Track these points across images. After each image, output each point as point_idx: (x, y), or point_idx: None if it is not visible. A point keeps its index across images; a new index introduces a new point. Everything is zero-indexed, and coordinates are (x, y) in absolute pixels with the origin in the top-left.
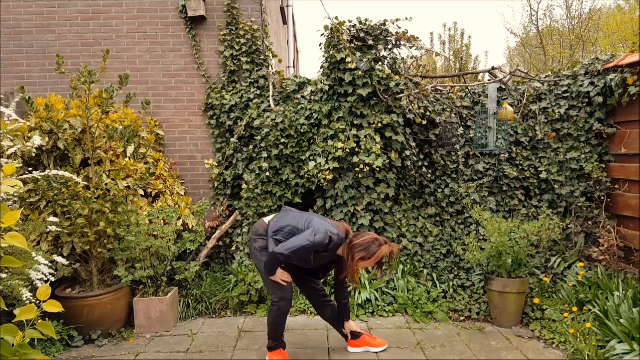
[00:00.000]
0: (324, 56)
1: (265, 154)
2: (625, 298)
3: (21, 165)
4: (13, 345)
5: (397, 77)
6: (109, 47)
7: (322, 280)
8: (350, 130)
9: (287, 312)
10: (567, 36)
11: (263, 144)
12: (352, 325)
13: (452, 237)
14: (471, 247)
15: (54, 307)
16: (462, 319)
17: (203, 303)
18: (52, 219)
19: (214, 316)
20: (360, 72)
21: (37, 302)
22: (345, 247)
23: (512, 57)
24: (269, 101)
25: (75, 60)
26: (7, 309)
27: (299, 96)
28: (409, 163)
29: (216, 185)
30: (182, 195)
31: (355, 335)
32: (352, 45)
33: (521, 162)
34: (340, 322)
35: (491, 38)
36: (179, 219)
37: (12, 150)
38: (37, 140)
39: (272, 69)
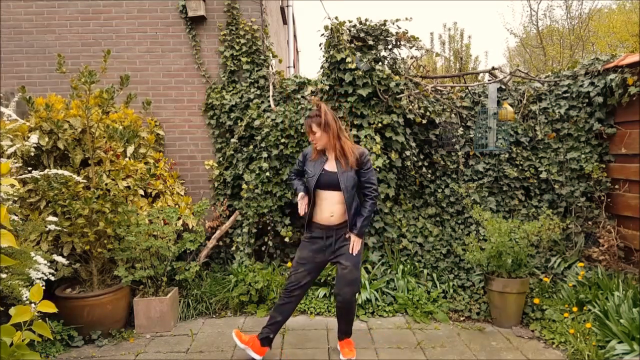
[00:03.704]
0: (324, 56)
1: (265, 154)
2: (625, 298)
3: (21, 165)
4: (12, 344)
5: (397, 77)
6: (109, 47)
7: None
8: (350, 130)
9: (288, 293)
10: (567, 36)
11: (263, 144)
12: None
13: (452, 237)
14: (471, 247)
15: (48, 307)
16: (462, 319)
17: (203, 303)
18: (51, 218)
19: (214, 316)
20: (360, 72)
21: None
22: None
23: (512, 57)
24: (269, 101)
25: (75, 60)
26: (2, 309)
27: (299, 96)
28: (409, 163)
29: (216, 185)
30: (182, 195)
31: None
32: (352, 45)
33: (521, 162)
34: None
35: (491, 38)
36: (179, 219)
37: (11, 150)
38: (34, 138)
39: (272, 69)
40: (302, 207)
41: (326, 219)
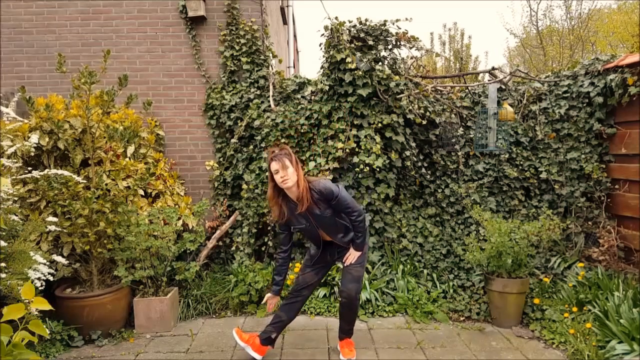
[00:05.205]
0: (324, 56)
1: (265, 154)
2: (625, 298)
3: (21, 165)
4: (9, 342)
5: (397, 77)
6: (109, 47)
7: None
8: (350, 130)
9: (296, 292)
10: (566, 36)
11: (263, 144)
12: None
13: (452, 237)
14: (471, 247)
15: (42, 304)
16: (462, 319)
17: (203, 303)
18: (50, 218)
19: (214, 316)
20: (360, 72)
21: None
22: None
23: (512, 57)
24: (269, 101)
25: (75, 60)
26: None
27: (299, 96)
28: (409, 163)
29: (216, 185)
30: (182, 196)
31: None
32: (352, 45)
33: (521, 162)
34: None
35: (491, 38)
36: (179, 219)
37: (11, 150)
38: (34, 138)
39: (272, 69)
40: (269, 308)
41: (330, 240)
